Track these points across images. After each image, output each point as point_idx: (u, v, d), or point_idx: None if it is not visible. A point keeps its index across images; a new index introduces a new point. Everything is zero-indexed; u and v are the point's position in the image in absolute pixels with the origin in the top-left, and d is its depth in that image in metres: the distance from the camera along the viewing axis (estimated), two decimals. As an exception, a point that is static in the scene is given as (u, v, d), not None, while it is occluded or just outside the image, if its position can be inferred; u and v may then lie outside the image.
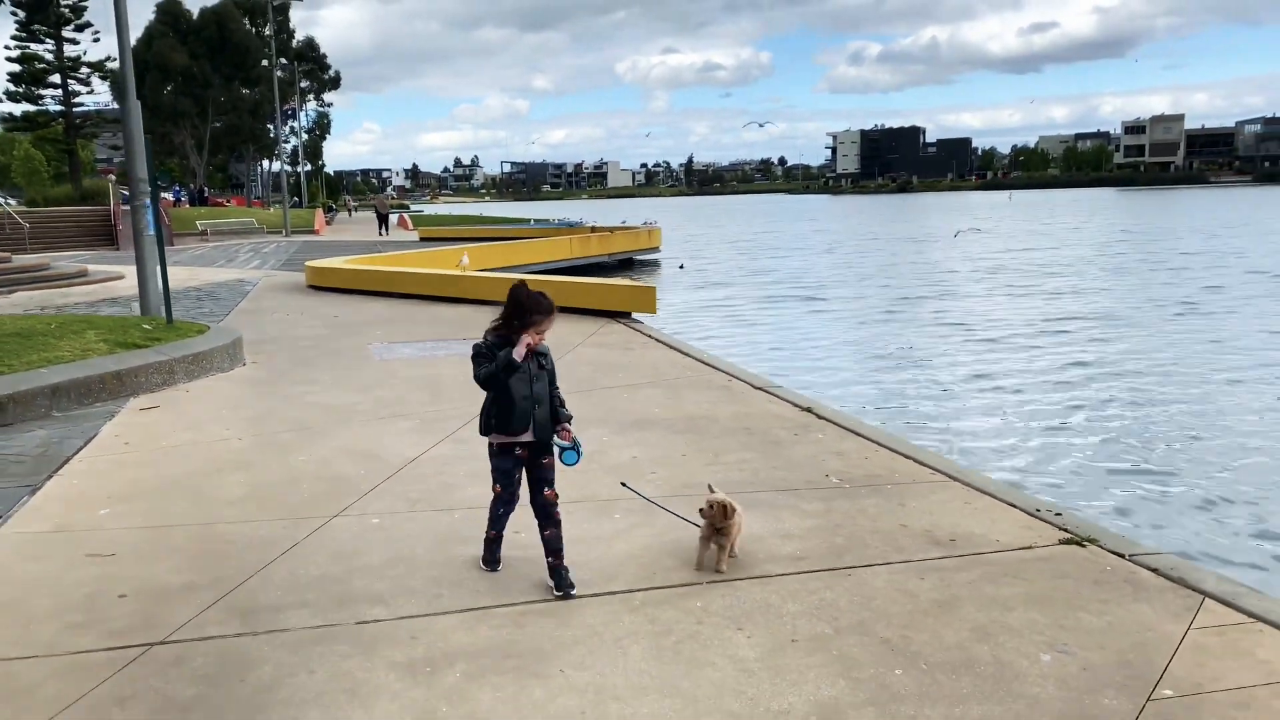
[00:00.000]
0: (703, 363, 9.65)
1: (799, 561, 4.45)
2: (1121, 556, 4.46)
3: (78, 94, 49.24)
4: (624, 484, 5.06)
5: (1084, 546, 4.59)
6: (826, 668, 3.45)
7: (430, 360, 10.07)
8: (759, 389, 8.39)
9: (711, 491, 4.37)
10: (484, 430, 4.16)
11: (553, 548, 4.12)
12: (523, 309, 3.97)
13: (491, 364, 3.97)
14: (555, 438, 4.10)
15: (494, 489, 4.23)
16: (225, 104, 65.37)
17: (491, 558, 4.35)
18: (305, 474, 5.94)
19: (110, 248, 33.23)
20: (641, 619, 3.89)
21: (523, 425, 4.04)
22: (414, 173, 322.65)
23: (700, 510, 4.29)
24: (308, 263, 19.35)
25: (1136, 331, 17.55)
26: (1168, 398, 11.99)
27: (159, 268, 11.71)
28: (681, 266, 32.31)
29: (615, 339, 11.35)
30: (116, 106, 62.39)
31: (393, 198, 71.47)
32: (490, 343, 4.03)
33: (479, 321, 12.66)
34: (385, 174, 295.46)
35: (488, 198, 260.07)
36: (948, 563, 4.41)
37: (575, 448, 4.12)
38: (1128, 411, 11.35)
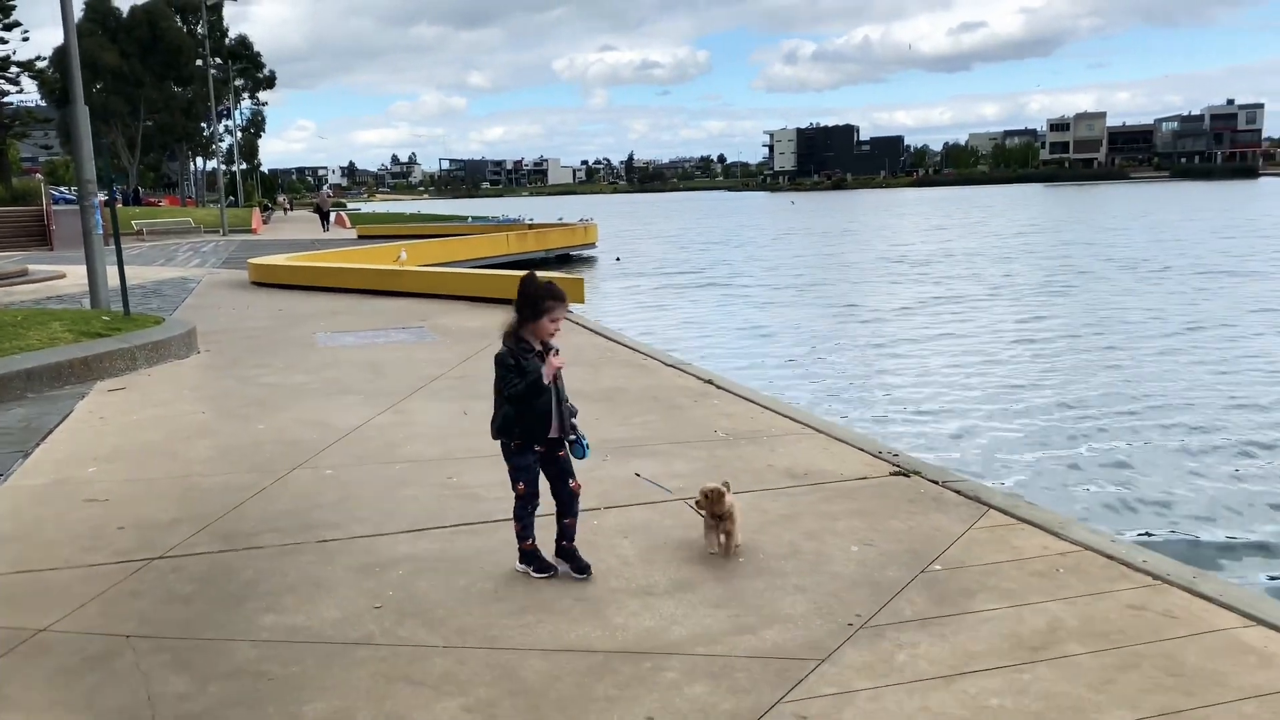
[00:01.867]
0: (622, 344, 10.70)
1: (680, 492, 5.48)
2: (935, 483, 5.58)
3: (6, 93, 48.66)
4: (637, 474, 5.75)
5: (908, 477, 5.70)
6: (688, 563, 4.48)
7: (371, 347, 10.96)
8: (669, 365, 9.44)
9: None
10: (501, 435, 4.13)
11: (568, 534, 4.24)
12: (534, 299, 3.94)
13: (520, 382, 3.93)
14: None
15: (516, 490, 4.16)
16: (157, 103, 64.85)
17: (543, 564, 4.27)
18: (265, 439, 6.84)
19: (44, 248, 33.24)
20: (546, 536, 4.89)
21: (546, 431, 4.09)
22: (351, 170, 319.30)
23: (696, 503, 4.47)
24: (250, 260, 20.01)
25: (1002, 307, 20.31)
26: (1037, 364, 13.99)
27: (108, 265, 12.41)
28: (618, 259, 34.11)
29: (544, 326, 12.33)
30: (44, 105, 61.61)
31: (331, 195, 71.27)
32: (513, 350, 3.98)
33: (417, 312, 13.69)
34: (321, 172, 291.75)
35: (426, 195, 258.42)
36: (797, 489, 5.49)
37: (581, 440, 4.20)
38: (989, 369, 13.51)
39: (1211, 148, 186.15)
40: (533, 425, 4.05)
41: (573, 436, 4.16)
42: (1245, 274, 26.41)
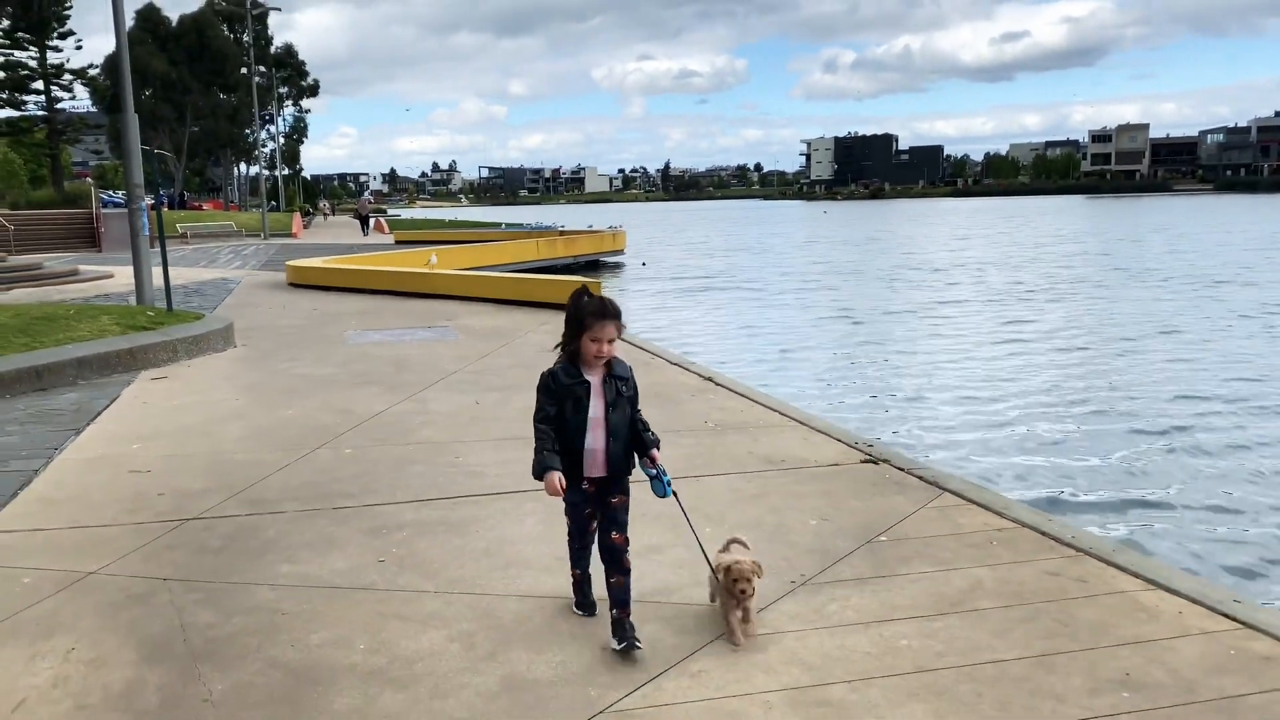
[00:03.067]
0: (631, 344, 11.23)
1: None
2: (900, 469, 6.05)
3: (60, 99, 50.33)
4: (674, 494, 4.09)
5: (877, 464, 6.17)
6: (663, 530, 4.99)
7: (398, 344, 11.58)
8: (674, 363, 9.97)
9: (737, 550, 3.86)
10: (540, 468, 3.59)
11: (618, 599, 3.63)
12: (574, 316, 3.53)
13: (549, 408, 3.57)
14: (642, 465, 3.69)
15: (569, 524, 3.85)
16: (204, 109, 66.53)
17: (583, 600, 3.94)
18: (292, 422, 7.45)
19: (93, 249, 34.46)
20: (537, 505, 5.42)
21: (581, 468, 3.61)
22: (391, 177, 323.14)
23: (731, 577, 3.65)
24: (288, 262, 20.80)
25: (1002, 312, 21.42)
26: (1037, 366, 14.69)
27: (153, 265, 13.19)
28: (644, 264, 34.94)
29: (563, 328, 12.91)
30: (95, 111, 63.46)
31: (372, 201, 72.77)
32: (557, 372, 3.61)
33: (444, 313, 14.34)
34: (363, 178, 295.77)
35: (465, 202, 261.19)
36: (771, 473, 5.98)
37: (661, 476, 3.64)
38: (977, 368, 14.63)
39: (1258, 160, 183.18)
40: (566, 462, 3.54)
41: (652, 471, 3.63)
42: (1240, 283, 27.39)
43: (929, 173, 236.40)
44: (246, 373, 9.67)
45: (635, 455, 3.70)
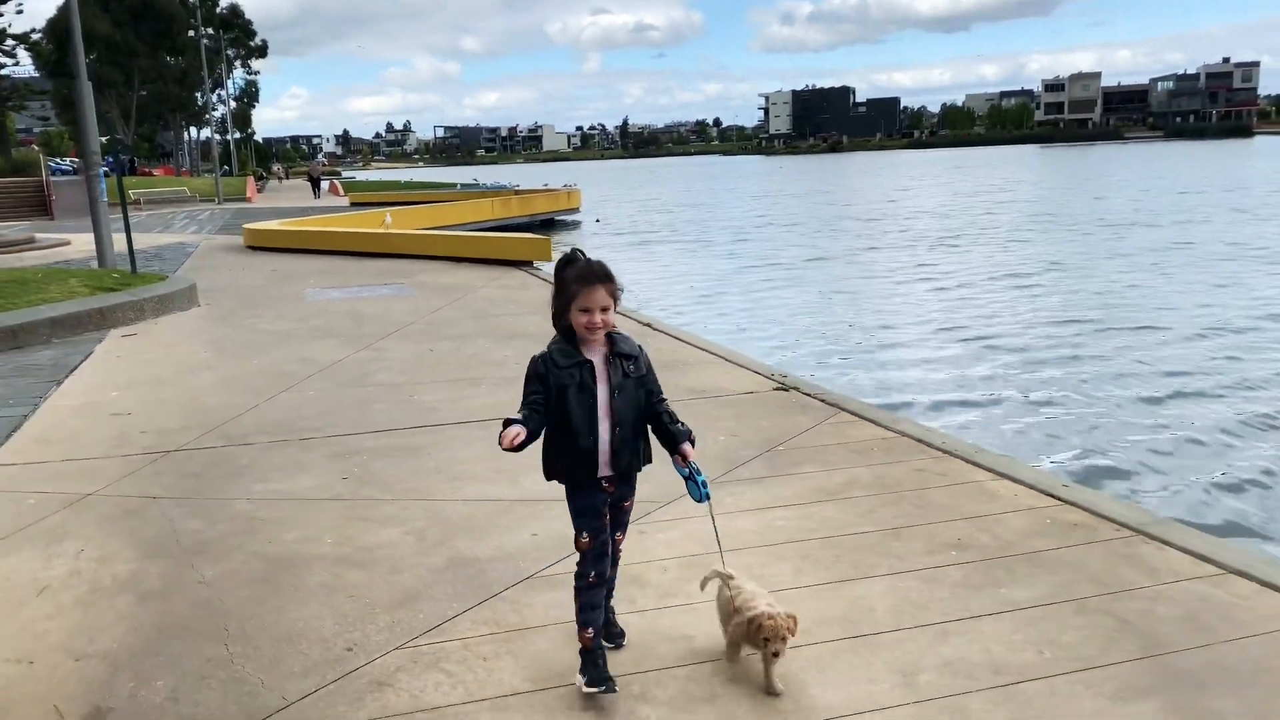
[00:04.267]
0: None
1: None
2: (807, 395, 6.81)
3: (3, 65, 49.41)
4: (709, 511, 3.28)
5: (787, 391, 6.93)
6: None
7: (355, 300, 12.15)
8: (644, 324, 10.65)
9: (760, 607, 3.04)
10: (550, 474, 3.09)
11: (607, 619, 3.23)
12: (559, 283, 2.98)
13: (537, 397, 2.98)
14: (675, 464, 3.08)
15: (579, 542, 3.05)
16: (151, 72, 65.47)
17: (596, 677, 2.99)
18: (258, 371, 8.06)
19: (45, 218, 34.29)
20: (484, 433, 6.11)
21: (594, 466, 2.99)
22: (345, 138, 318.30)
23: (763, 635, 2.97)
24: (245, 225, 21.13)
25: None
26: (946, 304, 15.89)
27: (113, 230, 13.60)
28: (598, 220, 35.82)
29: (513, 282, 13.54)
30: (37, 75, 62.15)
31: (324, 164, 72.30)
32: (549, 357, 3.00)
33: (400, 271, 14.93)
34: (316, 140, 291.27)
35: (421, 163, 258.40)
36: (693, 400, 6.71)
37: (695, 476, 3.04)
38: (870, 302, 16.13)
39: (1207, 107, 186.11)
40: (570, 461, 3.00)
41: (685, 471, 3.05)
42: (1142, 225, 29.78)
43: (886, 125, 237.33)
44: (212, 329, 10.23)
45: (647, 450, 3.09)
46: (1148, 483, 7.78)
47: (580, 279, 2.93)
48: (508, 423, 2.88)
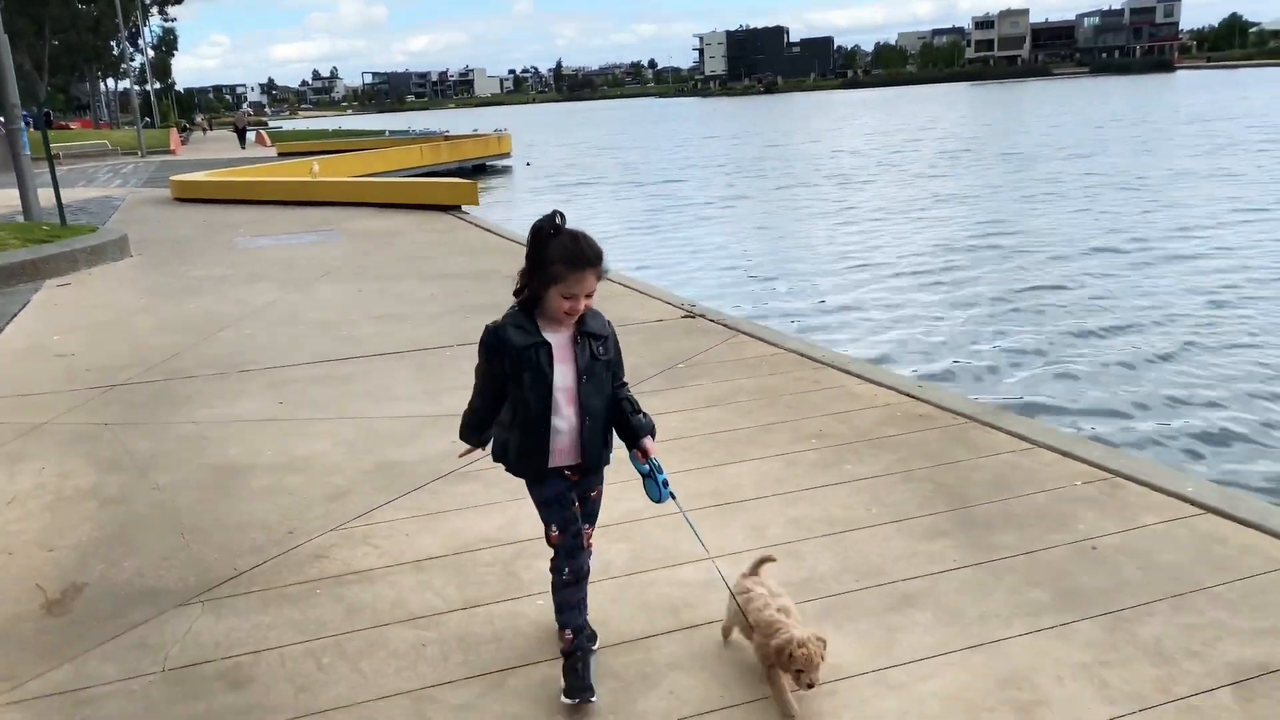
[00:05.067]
0: (501, 236, 12.38)
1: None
2: (712, 321, 7.44)
3: (-98, 15, 47.44)
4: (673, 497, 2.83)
5: (694, 319, 7.55)
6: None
7: (286, 247, 12.48)
8: (540, 251, 11.18)
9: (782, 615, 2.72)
10: (501, 457, 2.74)
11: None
12: (542, 259, 2.53)
13: (485, 385, 2.69)
14: (633, 459, 2.73)
15: (549, 538, 2.73)
16: (63, 20, 63.20)
17: (575, 686, 2.70)
18: (195, 313, 8.47)
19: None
20: (410, 362, 6.65)
21: (555, 455, 2.66)
22: (270, 87, 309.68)
23: (796, 666, 2.57)
24: (172, 177, 21.06)
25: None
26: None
27: (38, 183, 13.67)
28: (528, 164, 36.19)
29: (441, 226, 13.95)
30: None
31: (250, 114, 70.71)
32: (502, 328, 2.62)
33: (329, 218, 15.26)
34: (240, 89, 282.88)
35: (350, 111, 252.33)
36: (604, 327, 7.31)
37: (656, 474, 2.68)
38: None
39: (1131, 42, 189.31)
40: (527, 449, 2.65)
41: (644, 468, 2.70)
42: (1045, 160, 31.34)
43: (820, 65, 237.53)
44: (146, 277, 10.54)
45: (611, 442, 2.73)
46: (993, 381, 9.06)
47: (571, 262, 2.48)
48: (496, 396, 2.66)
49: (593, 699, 2.69)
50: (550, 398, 2.60)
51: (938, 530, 3.72)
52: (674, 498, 2.71)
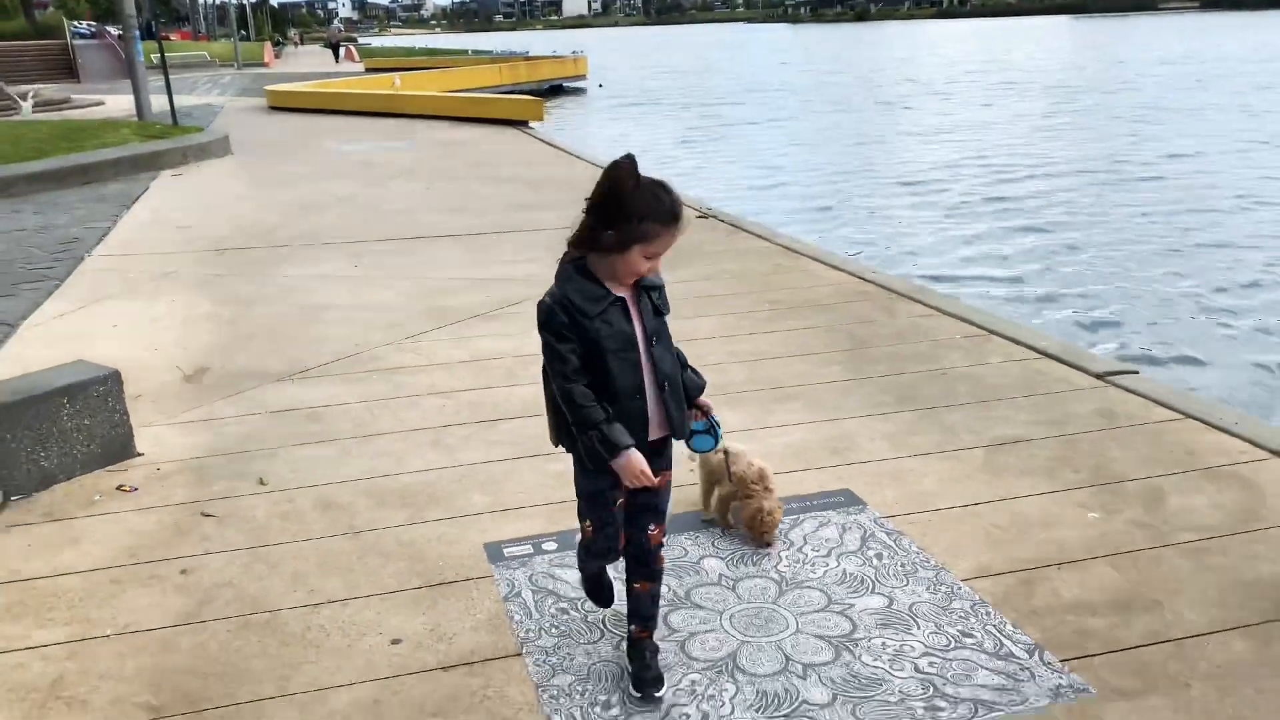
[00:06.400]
0: (559, 149, 13.61)
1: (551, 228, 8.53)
2: (720, 220, 8.59)
3: (19, -73, 49.73)
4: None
5: (707, 218, 8.72)
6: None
7: (368, 153, 13.89)
8: (592, 164, 12.37)
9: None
10: (561, 442, 2.39)
11: (641, 612, 2.51)
12: (629, 212, 2.12)
13: (572, 364, 2.19)
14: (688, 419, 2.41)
15: (582, 527, 2.47)
16: (165, -66, 65.06)
17: (600, 591, 2.70)
18: (288, 200, 9.92)
19: (72, 80, 35.65)
20: (459, 241, 7.96)
21: (643, 432, 2.29)
22: (362, 4, 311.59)
23: (760, 529, 3.12)
24: (267, 87, 22.63)
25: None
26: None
27: (148, 87, 15.26)
28: (600, 85, 37.05)
29: (508, 138, 15.23)
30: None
31: (341, 30, 72.54)
32: (566, 299, 2.18)
33: (408, 130, 16.70)
34: (331, 5, 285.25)
35: (439, 29, 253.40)
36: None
37: (712, 430, 2.45)
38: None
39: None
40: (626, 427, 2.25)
41: (702, 425, 2.45)
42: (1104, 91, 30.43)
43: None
44: (246, 171, 12.05)
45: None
46: (950, 269, 10.51)
47: (667, 219, 2.15)
48: (610, 445, 2.19)
49: (661, 696, 2.45)
50: (640, 360, 2.25)
51: (832, 361, 4.92)
52: (721, 441, 2.52)
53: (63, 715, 2.44)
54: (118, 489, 3.66)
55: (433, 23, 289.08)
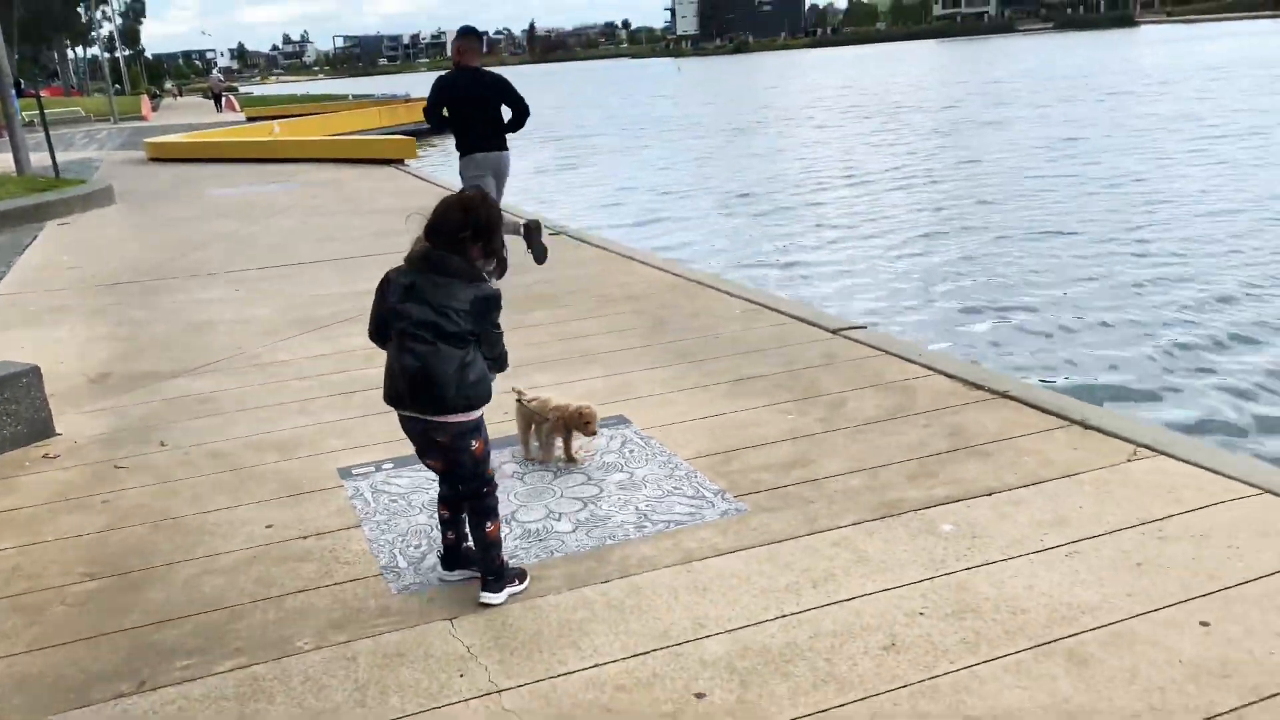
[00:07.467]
0: (430, 183, 14.66)
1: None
2: (570, 236, 9.78)
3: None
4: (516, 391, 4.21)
5: (559, 235, 9.89)
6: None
7: (247, 195, 14.70)
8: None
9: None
10: (486, 401, 3.03)
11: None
12: (490, 226, 2.95)
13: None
14: None
15: (489, 473, 3.13)
16: (30, -10, 64.09)
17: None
18: (172, 240, 10.74)
19: (-58, 141, 35.08)
20: (335, 266, 8.94)
21: None
22: (241, 52, 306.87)
23: (584, 419, 3.99)
24: (146, 140, 23.09)
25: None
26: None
27: (26, 143, 15.78)
28: None
29: (382, 176, 16.21)
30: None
31: (222, 80, 71.98)
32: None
33: (286, 172, 17.51)
34: (209, 54, 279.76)
35: (321, 75, 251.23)
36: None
37: None
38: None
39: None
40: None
41: None
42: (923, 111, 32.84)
43: (791, 23, 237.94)
44: (131, 217, 12.78)
45: None
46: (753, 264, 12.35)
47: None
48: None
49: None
50: None
51: (632, 335, 6.11)
52: None
53: (23, 583, 3.40)
54: (43, 457, 4.58)
55: (315, 69, 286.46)
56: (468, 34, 7.85)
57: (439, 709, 2.58)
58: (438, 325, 2.91)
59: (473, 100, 7.53)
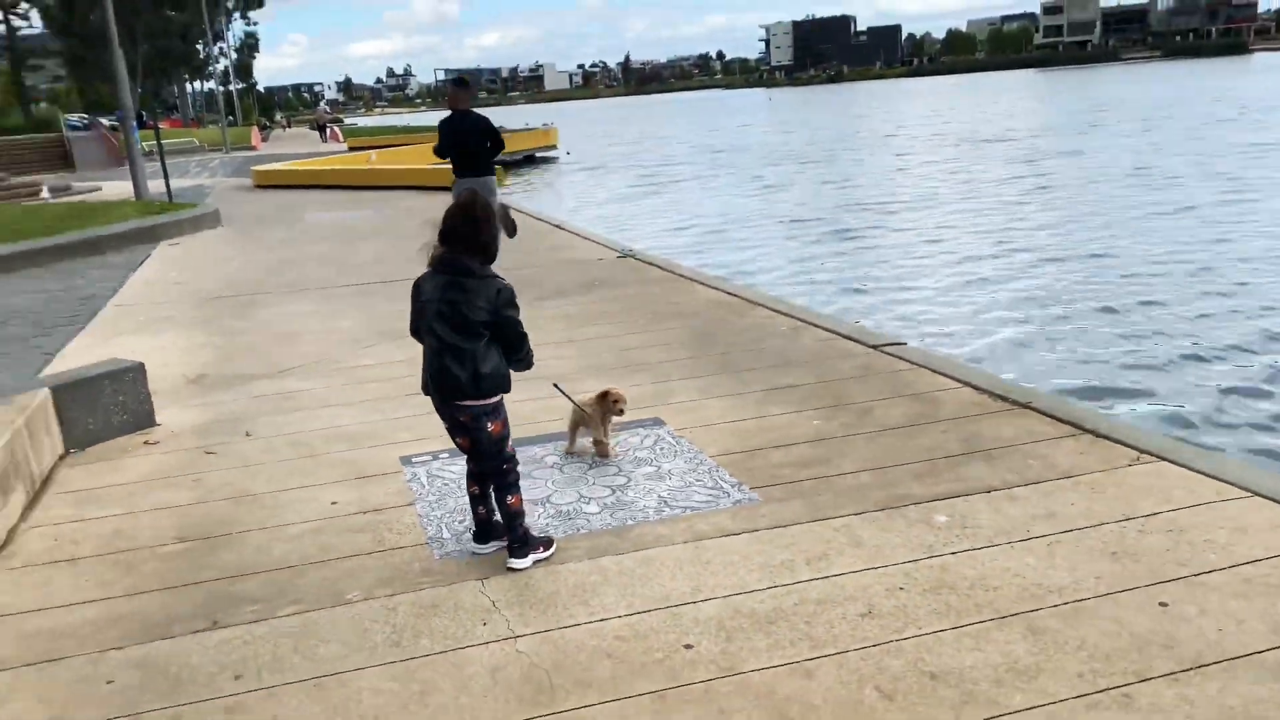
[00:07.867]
0: (517, 209, 15.29)
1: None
2: (644, 261, 10.20)
3: (19, 28, 52.29)
4: (555, 385, 4.58)
5: (626, 259, 10.32)
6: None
7: (342, 220, 15.57)
8: (534, 218, 14.05)
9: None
10: (504, 389, 3.50)
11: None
12: (485, 215, 3.53)
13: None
14: None
15: (511, 449, 3.57)
16: (155, 27, 68.07)
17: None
18: (270, 260, 11.52)
19: (67, 169, 37.59)
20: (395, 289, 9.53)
21: None
22: (346, 85, 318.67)
23: (612, 398, 4.40)
24: (253, 167, 24.46)
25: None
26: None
27: (145, 171, 16.99)
28: (568, 154, 39.41)
29: (470, 202, 16.96)
30: (45, 32, 64.95)
31: (328, 111, 75.43)
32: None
33: (383, 199, 18.48)
34: (317, 88, 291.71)
35: (424, 107, 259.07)
36: (560, 264, 10.11)
37: None
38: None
39: (1205, 24, 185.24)
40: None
41: None
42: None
43: (887, 54, 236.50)
44: (235, 239, 13.69)
45: None
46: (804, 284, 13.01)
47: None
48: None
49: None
50: None
51: (681, 348, 6.47)
52: None
53: (122, 542, 3.92)
54: (144, 443, 5.15)
55: (418, 100, 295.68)
56: (458, 83, 9.69)
57: (462, 649, 2.97)
58: (456, 319, 3.37)
59: (463, 134, 9.02)
